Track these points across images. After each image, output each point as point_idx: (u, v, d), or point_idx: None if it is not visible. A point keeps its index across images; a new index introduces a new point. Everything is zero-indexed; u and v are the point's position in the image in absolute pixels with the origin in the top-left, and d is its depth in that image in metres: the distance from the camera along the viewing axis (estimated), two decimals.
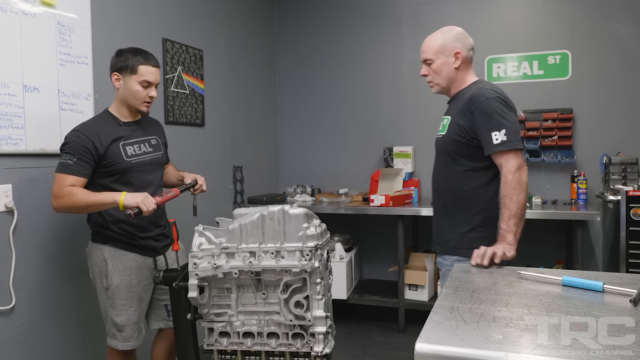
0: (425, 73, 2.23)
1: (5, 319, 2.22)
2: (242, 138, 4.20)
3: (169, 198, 2.23)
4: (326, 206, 4.02)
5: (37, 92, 2.33)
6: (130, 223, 2.21)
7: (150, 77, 2.23)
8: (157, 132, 2.45)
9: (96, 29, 2.68)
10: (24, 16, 2.27)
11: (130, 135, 2.27)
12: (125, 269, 2.22)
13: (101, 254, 2.23)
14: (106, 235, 2.24)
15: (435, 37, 2.20)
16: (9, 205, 2.22)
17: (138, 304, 2.26)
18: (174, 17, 3.35)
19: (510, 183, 1.92)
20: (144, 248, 2.27)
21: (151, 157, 2.32)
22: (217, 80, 3.83)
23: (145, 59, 2.23)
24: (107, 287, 2.22)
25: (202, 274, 1.92)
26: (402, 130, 4.47)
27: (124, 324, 2.22)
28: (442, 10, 4.32)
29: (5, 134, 2.19)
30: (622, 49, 3.89)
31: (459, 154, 2.07)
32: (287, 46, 4.83)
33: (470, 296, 1.39)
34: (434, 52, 2.17)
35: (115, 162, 2.17)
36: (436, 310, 1.26)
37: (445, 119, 2.17)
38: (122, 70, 2.21)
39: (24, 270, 2.30)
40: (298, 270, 1.87)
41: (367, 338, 3.77)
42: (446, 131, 2.12)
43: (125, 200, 2.04)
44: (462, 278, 1.60)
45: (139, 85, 2.21)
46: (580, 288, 1.45)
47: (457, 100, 2.14)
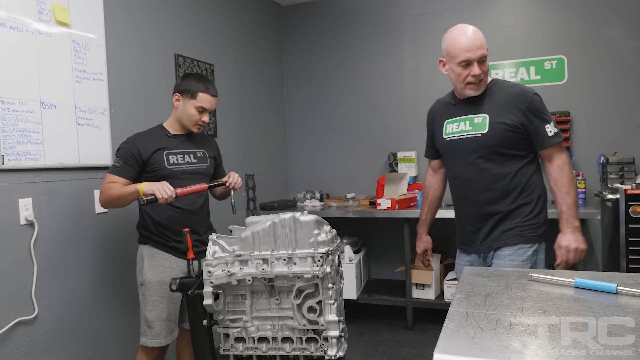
0: (478, 72, 1.95)
1: (28, 328, 2.16)
2: (253, 147, 4.13)
3: (193, 190, 2.19)
4: (335, 210, 3.94)
5: (54, 108, 2.27)
6: (167, 226, 2.25)
7: (207, 105, 2.28)
8: (206, 146, 2.45)
9: (110, 46, 2.62)
10: (39, 35, 2.22)
11: (176, 146, 2.30)
12: (159, 266, 2.24)
13: (141, 253, 2.28)
14: (146, 235, 2.28)
15: (477, 30, 1.97)
16: (29, 218, 2.15)
17: (169, 302, 2.24)
18: (185, 34, 3.28)
19: (569, 172, 1.95)
20: (179, 250, 2.25)
21: (194, 167, 2.33)
22: (227, 93, 3.76)
23: (206, 87, 2.28)
24: (141, 283, 2.25)
25: (217, 281, 1.84)
26: (405, 136, 4.38)
27: (154, 320, 2.20)
28: (441, 20, 4.23)
29: (24, 150, 2.13)
30: (616, 53, 3.78)
31: (511, 148, 1.98)
32: (293, 59, 4.76)
33: (484, 301, 1.29)
34: (486, 46, 1.97)
35: (157, 169, 2.21)
36: (451, 317, 1.17)
37: (479, 117, 2.01)
38: (183, 92, 2.27)
39: (46, 280, 2.24)
40: (310, 276, 1.78)
41: (377, 336, 3.67)
42: (488, 129, 1.97)
43: (144, 188, 2.07)
44: (474, 282, 1.51)
45: (195, 109, 2.26)
46: (593, 290, 1.36)
47: (490, 97, 2.01)
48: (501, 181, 2.00)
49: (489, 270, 1.67)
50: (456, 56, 1.97)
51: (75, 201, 2.39)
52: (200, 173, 2.35)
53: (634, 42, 3.74)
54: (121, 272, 2.59)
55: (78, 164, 2.39)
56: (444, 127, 2.16)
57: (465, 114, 2.05)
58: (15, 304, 2.11)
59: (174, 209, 2.26)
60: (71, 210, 2.36)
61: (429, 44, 4.29)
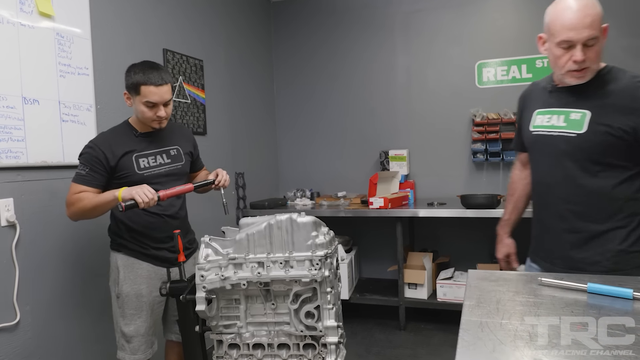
0: (581, 58, 1.53)
1: (10, 335, 2.03)
2: (243, 145, 4.02)
3: (177, 192, 1.97)
4: (326, 209, 3.85)
5: (37, 103, 2.14)
6: (144, 233, 2.04)
7: (154, 97, 1.95)
8: (180, 141, 2.20)
9: (96, 39, 2.49)
10: (21, 27, 2.08)
11: (146, 147, 2.06)
12: (136, 277, 2.04)
13: (115, 261, 2.07)
14: (119, 243, 2.07)
15: (594, 5, 1.54)
16: (10, 220, 2.02)
17: (148, 315, 2.06)
18: (174, 28, 3.16)
19: None
20: (157, 258, 2.07)
21: (168, 168, 2.10)
22: (217, 90, 3.65)
23: (146, 78, 1.93)
24: (118, 295, 2.05)
25: (210, 286, 1.74)
26: (396, 134, 4.30)
27: (132, 335, 2.03)
28: (433, 18, 4.17)
29: (5, 147, 2.00)
30: (606, 52, 3.73)
31: (611, 156, 1.57)
32: (284, 55, 4.65)
33: (497, 308, 1.22)
34: (599, 26, 1.53)
35: (126, 174, 1.99)
36: (466, 328, 1.09)
37: (579, 113, 1.60)
38: (129, 89, 2.00)
39: (28, 284, 2.11)
40: (308, 280, 1.69)
41: (369, 336, 3.59)
42: (586, 129, 1.57)
43: (123, 194, 1.85)
44: (481, 287, 1.43)
45: (144, 106, 1.97)
46: (608, 295, 1.29)
47: (598, 90, 1.59)
48: (591, 195, 1.62)
49: (496, 274, 1.59)
50: (556, 34, 1.57)
51: (59, 201, 2.25)
52: (176, 174, 2.13)
53: (624, 41, 3.70)
54: (107, 274, 2.47)
55: (62, 162, 2.26)
56: (532, 117, 1.77)
57: (562, 106, 1.66)
58: None
59: (150, 214, 2.04)
60: (55, 210, 2.23)
61: (420, 42, 4.21)
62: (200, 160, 2.38)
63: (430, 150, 4.20)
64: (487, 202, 3.35)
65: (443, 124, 4.15)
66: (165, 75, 2.00)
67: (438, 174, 4.18)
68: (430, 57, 4.20)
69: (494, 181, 4.02)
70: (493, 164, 4.02)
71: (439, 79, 4.18)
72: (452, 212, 3.50)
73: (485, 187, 4.00)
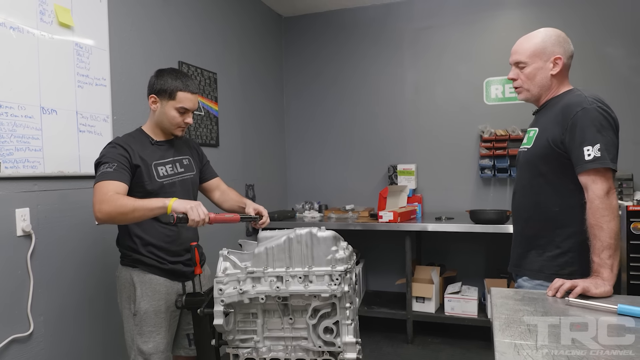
0: (514, 77, 1.80)
1: (23, 346, 1.97)
2: (254, 157, 3.98)
3: (225, 219, 1.90)
4: (334, 222, 3.79)
5: (55, 113, 2.10)
6: (162, 247, 1.95)
7: (188, 104, 1.95)
8: (190, 152, 2.16)
9: (114, 51, 2.46)
10: (41, 37, 2.05)
11: (163, 155, 2.00)
12: (154, 293, 1.93)
13: (130, 277, 1.94)
14: (135, 258, 1.94)
15: (533, 38, 1.77)
16: (26, 230, 1.97)
17: (166, 331, 1.97)
18: (189, 41, 3.14)
19: (597, 209, 1.53)
20: (173, 273, 1.99)
21: (182, 177, 2.04)
22: (230, 102, 3.62)
23: (184, 85, 1.94)
24: (135, 313, 1.92)
25: (228, 300, 1.68)
26: (404, 149, 4.26)
27: (151, 352, 1.92)
28: (441, 35, 4.15)
29: (22, 157, 1.96)
30: (613, 70, 3.72)
31: (549, 169, 1.68)
32: (294, 69, 4.63)
33: (528, 330, 1.16)
34: (529, 54, 1.75)
35: (145, 182, 1.90)
36: (502, 350, 1.03)
37: (532, 131, 1.77)
38: (160, 93, 1.93)
39: (43, 295, 2.06)
40: (327, 295, 1.63)
41: (377, 349, 3.52)
42: (533, 144, 1.73)
43: (174, 205, 1.73)
44: (508, 306, 1.37)
45: (175, 111, 1.94)
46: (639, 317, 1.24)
47: (548, 110, 1.74)
48: (536, 206, 1.73)
49: (520, 292, 1.54)
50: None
51: (75, 211, 2.21)
52: (188, 183, 2.08)
53: (632, 61, 3.68)
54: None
55: (79, 173, 2.22)
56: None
57: (531, 126, 1.84)
58: (10, 320, 1.93)
59: (166, 226, 1.95)
60: (69, 221, 2.19)
61: (428, 58, 4.19)
62: (212, 168, 2.30)
63: (438, 165, 4.16)
64: (497, 217, 3.30)
65: (451, 139, 4.12)
66: (196, 85, 2.04)
67: (445, 188, 4.13)
68: (439, 73, 4.17)
69: (501, 197, 3.97)
70: (500, 180, 3.98)
71: (447, 94, 4.15)
72: (461, 226, 3.44)
73: (492, 203, 3.95)
